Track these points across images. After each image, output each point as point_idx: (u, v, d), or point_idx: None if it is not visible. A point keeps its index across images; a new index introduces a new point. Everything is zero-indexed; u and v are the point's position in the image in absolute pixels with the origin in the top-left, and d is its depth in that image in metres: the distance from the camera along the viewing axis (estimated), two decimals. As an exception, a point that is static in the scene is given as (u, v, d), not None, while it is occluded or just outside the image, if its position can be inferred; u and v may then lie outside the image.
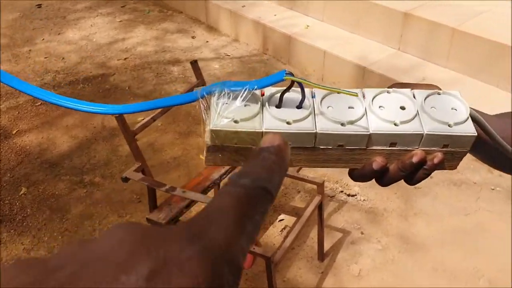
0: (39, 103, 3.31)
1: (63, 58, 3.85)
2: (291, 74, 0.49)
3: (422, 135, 0.50)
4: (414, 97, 0.53)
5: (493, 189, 2.55)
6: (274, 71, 3.61)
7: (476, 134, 0.50)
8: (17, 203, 2.53)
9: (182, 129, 3.03)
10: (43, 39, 4.16)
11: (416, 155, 0.51)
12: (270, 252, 1.74)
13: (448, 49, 3.10)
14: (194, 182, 2.00)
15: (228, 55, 3.84)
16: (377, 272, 2.16)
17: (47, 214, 2.47)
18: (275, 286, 1.75)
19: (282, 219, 2.42)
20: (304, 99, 0.50)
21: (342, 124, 0.49)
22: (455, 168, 0.55)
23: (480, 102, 2.79)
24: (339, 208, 2.46)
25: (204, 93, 0.49)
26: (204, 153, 0.53)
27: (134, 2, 4.78)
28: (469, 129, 0.51)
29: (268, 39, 3.78)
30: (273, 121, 0.49)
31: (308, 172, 2.43)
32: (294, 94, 0.51)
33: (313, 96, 0.53)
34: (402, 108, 0.52)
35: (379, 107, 0.52)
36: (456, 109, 0.52)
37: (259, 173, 0.30)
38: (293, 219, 2.40)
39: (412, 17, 3.19)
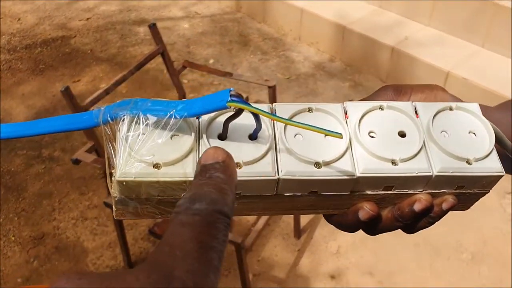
0: (-7, 70, 3.05)
1: (19, 19, 3.54)
2: (238, 97, 0.33)
3: (430, 177, 0.35)
4: (416, 112, 0.38)
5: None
6: (248, 30, 3.39)
7: (503, 173, 0.35)
8: (-32, 182, 2.33)
9: (149, 96, 2.82)
10: (-3, -2, 3.83)
11: (420, 201, 0.36)
12: (241, 237, 1.60)
13: (431, 6, 2.91)
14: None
15: (198, 14, 3.59)
16: (356, 249, 2.05)
17: (2, 193, 2.28)
18: (247, 273, 1.61)
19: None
20: (261, 128, 0.35)
21: (317, 165, 0.35)
22: (468, 208, 0.40)
23: (465, 63, 2.65)
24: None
25: (108, 118, 0.34)
26: (113, 206, 0.36)
27: (97, -44, 4.42)
28: (494, 166, 0.36)
29: (241, -4, 3.53)
30: None
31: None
32: (245, 117, 0.35)
33: (273, 113, 0.37)
34: (402, 134, 0.37)
35: (369, 133, 0.37)
36: (475, 133, 0.37)
37: (211, 195, 0.27)
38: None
39: (395, -29, 2.98)
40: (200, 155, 0.33)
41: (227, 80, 2.77)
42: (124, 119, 0.33)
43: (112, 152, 0.34)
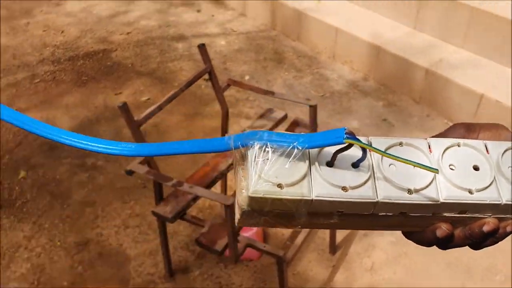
0: (38, 80, 3.19)
1: (62, 32, 3.70)
2: (352, 135, 0.40)
3: (499, 204, 0.43)
4: (487, 149, 0.46)
5: None
6: (283, 48, 3.47)
7: None
8: (17, 188, 2.44)
9: (188, 110, 2.92)
10: (41, 11, 3.99)
11: (488, 224, 0.44)
12: (282, 250, 1.66)
13: (466, 28, 2.95)
14: (201, 173, 1.90)
15: (234, 31, 3.69)
16: (390, 266, 2.08)
17: (48, 200, 2.38)
18: (286, 286, 1.67)
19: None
20: (364, 159, 0.42)
21: (409, 192, 0.42)
22: None
23: (498, 86, 2.68)
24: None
25: (239, 144, 0.41)
26: (238, 215, 0.44)
27: (136, -28, 4.58)
28: None
29: (276, 14, 3.62)
30: (325, 186, 0.41)
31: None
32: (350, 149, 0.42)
33: (369, 144, 0.44)
34: (476, 168, 0.45)
35: (450, 166, 0.44)
36: None
37: None
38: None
39: (430, -6, 3.03)
40: (312, 181, 0.41)
41: (262, 96, 2.84)
42: (254, 146, 0.41)
43: (241, 172, 0.41)
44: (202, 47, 1.87)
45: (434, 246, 0.47)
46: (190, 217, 1.80)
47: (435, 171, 0.41)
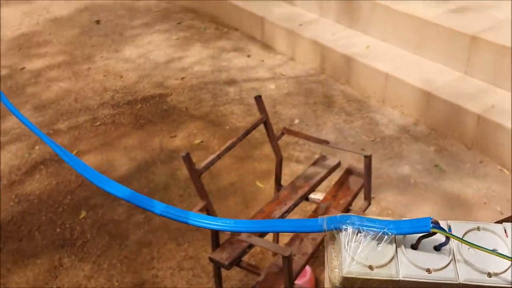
0: (98, 123, 3.37)
1: (121, 77, 3.91)
2: (437, 224, 0.45)
3: None
4: None
5: None
6: (332, 92, 3.53)
7: None
8: (78, 228, 2.57)
9: (239, 153, 3.00)
10: (101, 56, 4.24)
11: None
12: None
13: (520, 74, 2.93)
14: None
15: (284, 75, 3.79)
16: None
17: (106, 240, 2.49)
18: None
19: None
20: (447, 244, 0.47)
21: (489, 275, 0.46)
22: None
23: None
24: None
25: (332, 227, 0.47)
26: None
27: (190, 19, 4.81)
28: None
29: (325, 59, 3.71)
30: (411, 268, 0.46)
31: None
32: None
33: (449, 229, 0.49)
34: None
35: None
36: None
37: None
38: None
39: (480, 40, 3.04)
40: (399, 262, 0.45)
41: (316, 145, 2.89)
42: (348, 230, 0.46)
43: (332, 252, 0.47)
44: (258, 99, 1.96)
45: None
46: (246, 265, 1.84)
47: (510, 259, 0.45)
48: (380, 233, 0.46)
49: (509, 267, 0.46)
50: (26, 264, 2.38)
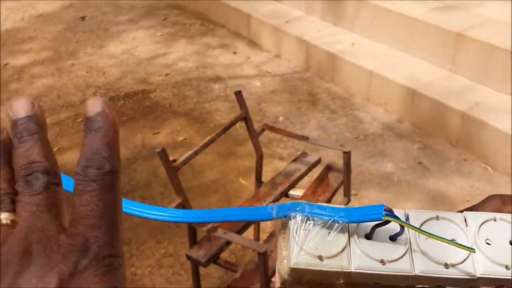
0: (80, 120, 3.31)
1: (104, 73, 3.85)
2: (391, 212, 0.42)
3: None
4: None
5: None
6: (317, 89, 3.51)
7: None
8: (56, 225, 2.52)
9: (222, 150, 2.97)
10: (85, 53, 4.19)
11: None
12: None
13: (504, 72, 2.92)
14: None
15: (269, 72, 3.76)
16: None
17: (85, 238, 2.44)
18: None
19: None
20: (401, 234, 0.44)
21: (446, 266, 0.43)
22: None
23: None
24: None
25: (282, 215, 0.43)
26: (278, 283, 0.46)
27: (176, 15, 4.76)
28: None
29: (311, 56, 3.68)
30: (364, 259, 0.42)
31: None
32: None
33: (407, 218, 0.46)
34: None
35: (486, 241, 0.45)
36: None
37: (103, 154, 0.31)
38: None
39: (465, 38, 3.03)
40: (351, 253, 0.42)
41: (300, 142, 2.87)
42: (296, 218, 0.42)
43: (282, 241, 0.43)
44: (238, 94, 1.93)
45: None
46: (223, 262, 1.81)
47: (472, 250, 0.42)
48: (331, 221, 0.42)
49: (467, 258, 0.44)
50: None
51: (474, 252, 0.42)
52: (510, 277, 0.43)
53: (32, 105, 0.31)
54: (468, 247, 0.42)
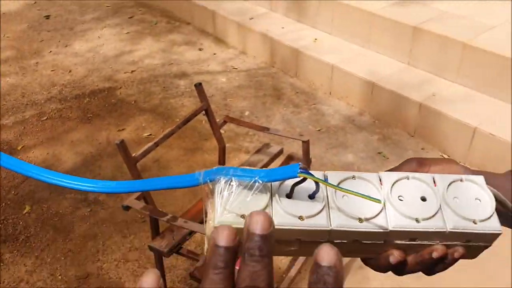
0: (45, 118, 3.30)
1: (70, 71, 3.84)
2: (305, 170, 0.45)
3: (444, 232, 0.47)
4: (434, 182, 0.49)
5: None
6: (281, 84, 3.58)
7: (501, 232, 0.47)
8: (21, 222, 2.51)
9: (188, 145, 3.00)
10: (50, 51, 4.15)
11: (437, 251, 0.47)
12: (274, 282, 1.70)
13: (459, 64, 3.04)
14: (197, 207, 1.97)
15: (235, 68, 3.81)
16: (384, 298, 2.10)
17: (51, 234, 2.45)
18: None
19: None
20: (318, 191, 0.47)
21: (360, 220, 0.46)
22: (475, 257, 0.52)
23: (491, 119, 2.74)
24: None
25: (208, 179, 0.45)
26: (206, 244, 0.49)
27: (142, 13, 4.76)
28: (494, 226, 0.47)
29: (275, 52, 3.74)
30: (284, 216, 0.45)
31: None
32: (306, 182, 0.46)
33: (325, 179, 0.49)
34: (423, 199, 0.48)
35: (399, 197, 0.48)
36: (480, 200, 0.49)
37: None
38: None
39: (422, 31, 3.14)
40: (273, 211, 0.45)
41: (265, 135, 2.92)
42: (220, 181, 0.44)
43: (209, 205, 0.45)
44: (198, 86, 1.97)
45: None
46: (186, 251, 1.85)
47: (378, 201, 0.44)
48: (252, 182, 0.44)
49: (380, 212, 0.46)
50: (-35, 260, 2.32)
51: (380, 203, 0.45)
52: (420, 230, 0.46)
53: (270, 225, 0.33)
54: (375, 199, 0.44)
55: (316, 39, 3.64)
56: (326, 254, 0.31)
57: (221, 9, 4.16)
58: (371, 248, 0.48)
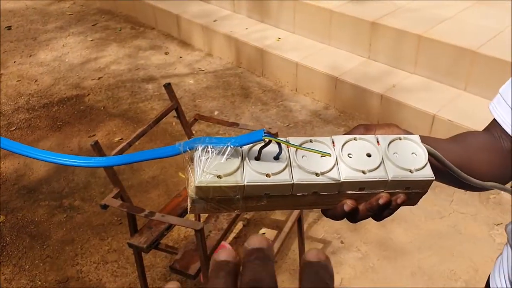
0: (14, 128, 3.29)
1: (36, 81, 3.83)
2: (269, 133, 0.53)
3: (387, 181, 0.55)
4: (378, 141, 0.58)
5: (466, 191, 2.63)
6: (248, 84, 3.66)
7: (434, 178, 0.56)
8: (-4, 232, 2.51)
9: (160, 146, 3.04)
10: (14, 62, 4.13)
11: (382, 198, 0.56)
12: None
13: (415, 55, 3.19)
14: (173, 203, 2.02)
15: (202, 70, 3.87)
16: (358, 280, 2.21)
17: (27, 242, 2.46)
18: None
19: (264, 233, 2.45)
20: (281, 152, 0.55)
21: (316, 174, 0.54)
22: (416, 204, 0.61)
23: (449, 106, 2.89)
24: (318, 218, 2.51)
25: (187, 148, 0.53)
26: (189, 204, 0.55)
27: (105, 20, 4.77)
28: (428, 174, 0.56)
29: (241, 53, 3.83)
30: (254, 175, 0.53)
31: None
32: (271, 146, 0.54)
33: (287, 142, 0.56)
34: (368, 155, 0.57)
35: (348, 155, 0.57)
36: (416, 154, 0.58)
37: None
38: (274, 232, 2.44)
39: (379, 25, 3.27)
40: (244, 171, 0.53)
41: (232, 129, 3.00)
42: (198, 148, 0.52)
43: (190, 169, 0.53)
44: (167, 86, 2.03)
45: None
46: (164, 246, 1.90)
47: (329, 155, 0.54)
48: (225, 147, 0.52)
49: (333, 167, 0.55)
50: None
51: (330, 156, 0.55)
52: (366, 180, 0.55)
53: (267, 242, 0.34)
54: (326, 152, 0.54)
55: (279, 38, 3.74)
56: (315, 253, 0.33)
57: (185, 13, 4.22)
58: (328, 199, 0.57)
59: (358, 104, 3.20)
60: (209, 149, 0.52)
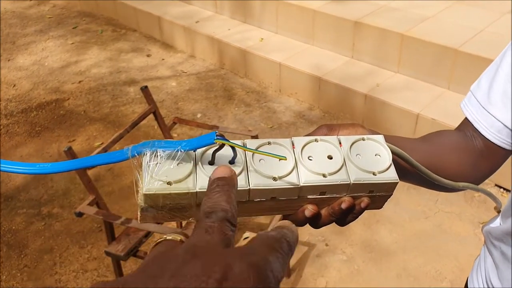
0: (-9, 134, 3.21)
1: (14, 85, 3.75)
2: (222, 136, 0.49)
3: (349, 184, 0.52)
4: (340, 142, 0.54)
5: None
6: (232, 85, 3.62)
7: (398, 180, 0.52)
8: (-28, 242, 2.44)
9: (141, 151, 2.99)
10: (-8, 66, 4.04)
11: (345, 202, 0.52)
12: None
13: (399, 54, 3.17)
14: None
15: (185, 72, 3.82)
16: (343, 283, 2.17)
17: (4, 251, 2.39)
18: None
19: (247, 237, 2.41)
20: (236, 156, 0.51)
21: (274, 179, 0.50)
22: (381, 207, 0.57)
23: (432, 105, 2.87)
24: (302, 221, 2.47)
25: (135, 153, 0.48)
26: (139, 213, 0.52)
27: (86, 23, 4.70)
28: (392, 176, 0.52)
29: (224, 54, 3.78)
30: (207, 180, 0.47)
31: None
32: (226, 150, 0.50)
33: (244, 145, 0.52)
34: (330, 157, 0.53)
35: (308, 157, 0.53)
36: (379, 155, 0.54)
37: (222, 206, 0.36)
38: (258, 236, 2.40)
39: (362, 25, 3.25)
40: (197, 177, 0.49)
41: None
42: (146, 153, 0.48)
43: (138, 175, 0.49)
44: (144, 89, 1.98)
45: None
46: (143, 254, 1.85)
47: (283, 158, 0.49)
48: (175, 151, 0.48)
49: (291, 171, 0.51)
50: None
51: (286, 160, 0.50)
52: (327, 183, 0.51)
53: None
54: (280, 156, 0.49)
55: (262, 38, 3.70)
56: (221, 170, 0.40)
57: (167, 14, 4.17)
58: (288, 204, 0.53)
59: (343, 104, 3.17)
60: (159, 153, 0.47)
